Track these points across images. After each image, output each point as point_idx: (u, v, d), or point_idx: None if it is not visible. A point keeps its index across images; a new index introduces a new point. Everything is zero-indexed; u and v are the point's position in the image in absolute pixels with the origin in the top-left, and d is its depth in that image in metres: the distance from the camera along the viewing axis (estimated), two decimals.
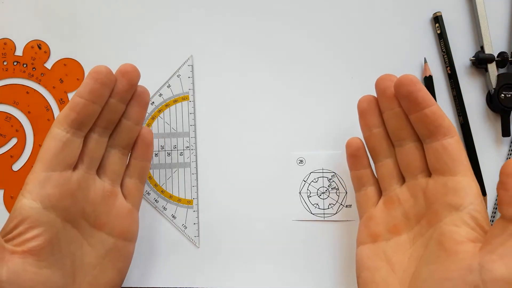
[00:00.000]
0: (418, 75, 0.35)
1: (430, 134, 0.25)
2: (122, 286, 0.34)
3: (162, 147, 0.35)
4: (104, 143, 0.29)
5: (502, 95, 0.33)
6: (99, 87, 0.27)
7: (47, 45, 0.36)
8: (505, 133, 0.33)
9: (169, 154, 0.35)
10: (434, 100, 0.25)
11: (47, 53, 0.36)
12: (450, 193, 0.24)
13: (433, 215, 0.25)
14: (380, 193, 0.29)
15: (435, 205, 0.25)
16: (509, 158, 0.33)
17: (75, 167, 0.27)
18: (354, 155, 0.29)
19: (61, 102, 0.36)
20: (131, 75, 0.28)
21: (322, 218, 0.34)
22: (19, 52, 0.36)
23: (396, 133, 0.27)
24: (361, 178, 0.30)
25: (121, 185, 0.30)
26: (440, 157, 0.25)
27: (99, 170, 0.29)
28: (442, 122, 0.25)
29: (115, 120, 0.29)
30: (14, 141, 0.36)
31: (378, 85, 0.28)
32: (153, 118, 0.35)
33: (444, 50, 0.34)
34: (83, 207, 0.27)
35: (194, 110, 0.35)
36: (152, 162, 0.35)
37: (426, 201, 0.26)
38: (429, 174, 0.26)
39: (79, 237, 0.28)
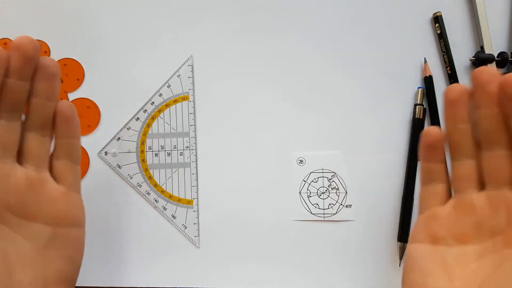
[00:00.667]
0: (418, 75, 0.35)
1: None
2: (120, 286, 0.34)
3: (162, 147, 0.35)
4: (17, 128, 0.26)
5: None
6: None
7: (47, 45, 0.36)
8: None
9: (169, 154, 0.35)
10: None
11: (47, 53, 0.36)
12: None
13: None
14: (449, 192, 0.27)
15: None
16: None
17: None
18: (431, 146, 0.26)
19: None
20: (25, 48, 0.25)
21: (322, 218, 0.34)
22: None
23: (488, 135, 0.24)
24: (432, 173, 0.27)
25: (51, 169, 0.28)
26: None
27: (20, 157, 0.26)
28: None
29: (22, 101, 0.26)
30: None
31: (478, 77, 0.24)
32: (153, 118, 0.35)
33: (444, 50, 0.34)
34: (5, 199, 0.25)
35: (194, 110, 0.35)
36: (152, 162, 0.35)
37: (508, 217, 0.23)
38: None
39: (9, 232, 0.25)
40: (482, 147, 0.25)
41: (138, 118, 0.35)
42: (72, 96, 0.36)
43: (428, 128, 0.26)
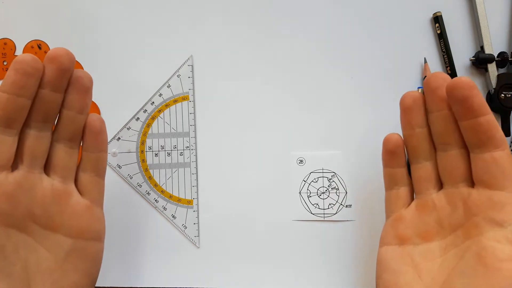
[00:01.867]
0: (418, 75, 0.35)
1: (481, 144, 0.24)
2: (120, 286, 0.34)
3: (162, 147, 0.35)
4: (47, 138, 0.26)
5: (502, 95, 0.33)
6: (22, 78, 0.24)
7: (47, 45, 0.36)
8: (505, 133, 0.33)
9: (169, 154, 0.35)
10: (489, 108, 0.24)
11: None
12: (496, 208, 0.23)
13: (472, 227, 0.24)
14: (412, 194, 0.28)
15: (477, 218, 0.24)
16: None
17: (14, 168, 0.25)
18: (392, 152, 0.28)
19: None
20: (60, 60, 0.25)
21: (322, 218, 0.34)
22: (19, 52, 0.36)
23: (441, 136, 0.26)
24: (395, 177, 0.28)
25: (76, 181, 0.28)
26: (489, 169, 0.24)
27: (47, 167, 0.27)
28: (495, 133, 0.24)
29: (54, 112, 0.26)
30: None
31: (429, 83, 0.26)
32: (153, 118, 0.35)
33: (444, 50, 0.34)
34: (30, 209, 0.25)
35: (194, 110, 0.35)
36: (152, 162, 0.35)
37: (465, 212, 0.25)
38: (472, 184, 0.25)
39: (31, 241, 0.26)
40: (437, 148, 0.26)
41: (138, 118, 0.35)
42: None
43: (388, 135, 0.28)
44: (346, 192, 0.34)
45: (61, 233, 0.26)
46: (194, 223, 0.35)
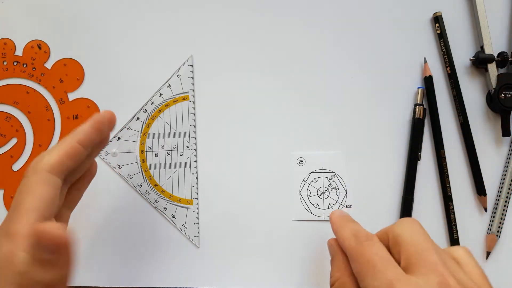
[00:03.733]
0: (418, 75, 0.35)
1: None
2: (120, 286, 0.34)
3: (162, 147, 0.35)
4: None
5: (502, 95, 0.33)
6: (96, 136, 0.26)
7: (47, 45, 0.36)
8: (505, 133, 0.33)
9: (169, 154, 0.35)
10: None
11: (47, 53, 0.36)
12: None
13: None
14: None
15: None
16: (509, 158, 0.33)
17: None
18: None
19: (61, 102, 0.36)
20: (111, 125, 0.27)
21: (322, 218, 0.34)
22: (19, 52, 0.36)
23: None
24: None
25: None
26: None
27: None
28: None
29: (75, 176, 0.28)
30: (14, 141, 0.35)
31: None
32: (153, 118, 0.35)
33: (444, 50, 0.34)
34: None
35: (194, 110, 0.35)
36: (152, 162, 0.35)
37: None
38: None
39: None
40: None
41: (138, 118, 0.35)
42: (72, 96, 0.36)
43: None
44: (346, 192, 0.34)
45: None
46: (194, 223, 0.35)
